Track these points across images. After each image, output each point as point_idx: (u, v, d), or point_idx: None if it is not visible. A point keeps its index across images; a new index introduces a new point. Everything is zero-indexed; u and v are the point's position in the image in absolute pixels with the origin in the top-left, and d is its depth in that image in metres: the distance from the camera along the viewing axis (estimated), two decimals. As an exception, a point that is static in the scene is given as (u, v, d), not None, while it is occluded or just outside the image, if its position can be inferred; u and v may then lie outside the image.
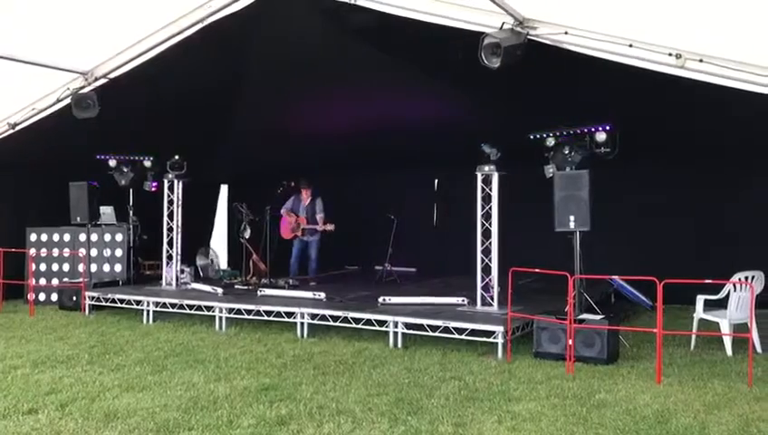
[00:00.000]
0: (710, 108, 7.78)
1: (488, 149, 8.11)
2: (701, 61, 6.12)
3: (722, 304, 7.47)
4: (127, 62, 8.98)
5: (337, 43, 8.54)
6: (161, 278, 10.72)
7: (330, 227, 11.33)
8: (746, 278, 7.22)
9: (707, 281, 6.45)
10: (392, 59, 8.74)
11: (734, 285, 7.26)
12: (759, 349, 7.12)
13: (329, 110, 10.76)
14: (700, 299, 7.59)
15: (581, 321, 6.92)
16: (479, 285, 8.16)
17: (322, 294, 8.97)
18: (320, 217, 11.46)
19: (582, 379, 6.17)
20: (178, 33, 8.42)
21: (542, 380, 6.16)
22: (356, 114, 10.64)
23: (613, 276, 7.62)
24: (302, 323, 8.20)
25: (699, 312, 7.58)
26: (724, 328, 7.28)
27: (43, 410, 5.16)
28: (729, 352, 7.17)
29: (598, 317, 7.06)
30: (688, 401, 5.51)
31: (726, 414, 5.14)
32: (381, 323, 7.72)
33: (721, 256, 9.65)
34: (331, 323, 8.06)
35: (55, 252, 11.16)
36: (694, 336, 7.56)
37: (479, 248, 8.16)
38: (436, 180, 14.01)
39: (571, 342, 6.59)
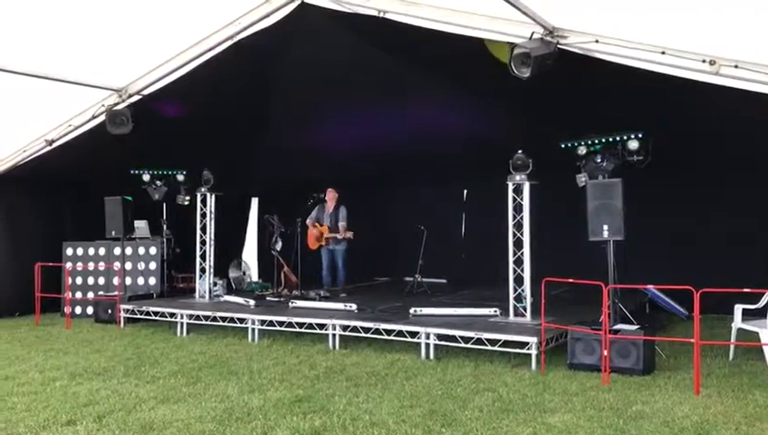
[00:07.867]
0: (744, 115, 7.65)
1: (522, 159, 8.07)
2: (736, 66, 6.02)
3: (761, 313, 7.32)
4: (159, 79, 9.13)
5: (366, 58, 8.59)
6: (194, 291, 10.82)
7: (349, 234, 11.41)
8: (786, 287, 7.07)
9: (746, 290, 6.33)
10: (421, 72, 8.76)
11: (774, 294, 7.11)
12: (801, 359, 6.95)
13: (358, 123, 10.82)
14: (738, 308, 7.44)
15: (617, 331, 6.82)
16: (511, 295, 8.10)
17: (354, 306, 8.97)
18: (341, 225, 11.53)
19: (618, 390, 6.08)
20: (209, 50, 8.54)
21: (578, 391, 6.08)
22: (385, 127, 10.67)
23: (648, 286, 7.49)
24: (333, 335, 8.22)
25: (738, 321, 7.43)
26: (765, 338, 7.10)
27: (81, 422, 5.24)
28: (770, 362, 7.02)
29: (633, 327, 6.96)
30: (728, 412, 5.39)
31: (769, 426, 5.04)
32: (413, 334, 7.71)
33: (759, 265, 9.46)
34: (363, 334, 8.06)
35: (91, 266, 11.33)
36: (732, 347, 7.41)
37: (511, 258, 8.10)
38: (465, 191, 13.97)
39: (606, 352, 6.50)
